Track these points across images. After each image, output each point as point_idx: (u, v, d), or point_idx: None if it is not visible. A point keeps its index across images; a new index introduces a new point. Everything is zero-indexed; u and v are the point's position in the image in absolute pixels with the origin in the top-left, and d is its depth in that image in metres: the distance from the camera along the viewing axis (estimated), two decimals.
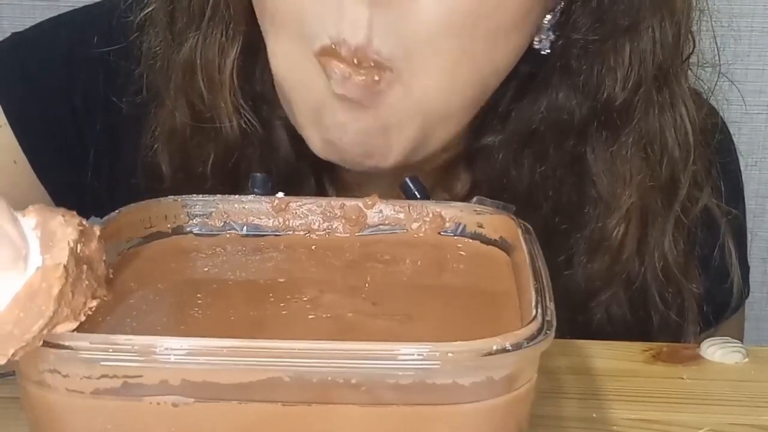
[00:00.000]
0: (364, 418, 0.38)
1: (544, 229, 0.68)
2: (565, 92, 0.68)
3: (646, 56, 0.66)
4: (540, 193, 0.70)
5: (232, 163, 0.70)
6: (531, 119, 0.69)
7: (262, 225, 0.55)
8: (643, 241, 0.70)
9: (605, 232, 0.70)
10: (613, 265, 0.70)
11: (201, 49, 0.67)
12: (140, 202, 0.54)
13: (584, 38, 0.66)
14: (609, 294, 0.71)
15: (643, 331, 0.73)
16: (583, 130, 0.69)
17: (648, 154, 0.69)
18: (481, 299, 0.49)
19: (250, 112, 0.68)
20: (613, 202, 0.69)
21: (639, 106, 0.67)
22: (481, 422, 0.38)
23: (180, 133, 0.70)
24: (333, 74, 0.58)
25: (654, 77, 0.67)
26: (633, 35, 0.66)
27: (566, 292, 0.71)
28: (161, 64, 0.69)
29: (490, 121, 0.70)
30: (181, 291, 0.49)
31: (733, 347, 0.62)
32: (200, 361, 0.37)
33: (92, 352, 0.37)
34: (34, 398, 0.39)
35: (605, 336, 0.69)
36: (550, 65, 0.68)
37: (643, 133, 0.68)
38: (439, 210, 0.55)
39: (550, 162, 0.70)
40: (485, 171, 0.71)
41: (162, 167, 0.71)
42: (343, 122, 0.60)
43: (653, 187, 0.70)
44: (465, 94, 0.62)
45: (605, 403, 0.56)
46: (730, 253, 0.76)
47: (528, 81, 0.68)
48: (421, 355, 0.37)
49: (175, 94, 0.69)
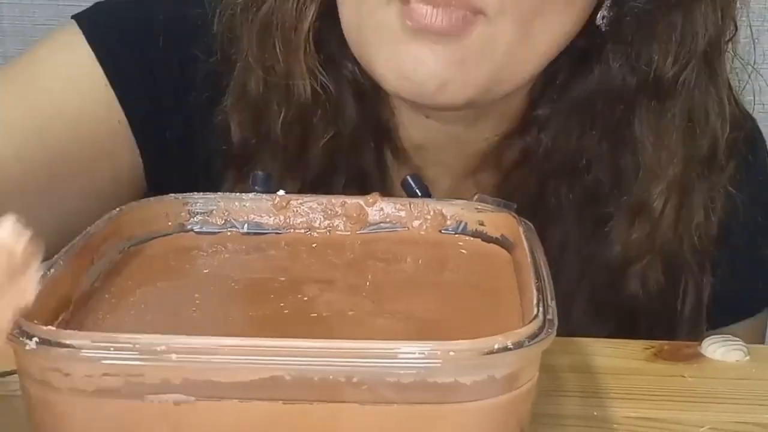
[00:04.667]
0: (365, 416, 0.38)
1: (586, 197, 0.73)
2: (618, 61, 0.70)
3: (698, 32, 0.68)
4: (585, 160, 0.73)
5: (301, 125, 0.71)
6: (585, 90, 0.71)
7: (263, 223, 0.55)
8: (682, 211, 0.72)
9: (648, 201, 0.72)
10: (653, 233, 0.72)
11: (278, 11, 0.68)
12: (141, 200, 0.54)
13: (639, 7, 0.68)
14: (646, 262, 0.73)
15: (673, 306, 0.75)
16: (631, 101, 0.71)
17: (693, 127, 0.71)
18: (482, 297, 0.49)
19: (324, 73, 0.70)
20: (658, 171, 0.71)
21: (687, 81, 0.69)
22: (483, 421, 0.38)
23: (253, 93, 0.71)
24: (416, 11, 0.60)
25: (704, 53, 0.69)
26: (686, 10, 0.68)
27: (604, 259, 0.73)
28: (239, 23, 0.70)
29: (547, 93, 0.72)
30: (183, 289, 0.49)
31: (734, 345, 0.62)
32: (202, 359, 0.37)
33: (94, 350, 0.37)
34: (36, 397, 0.39)
35: (640, 308, 0.72)
36: (604, 37, 0.70)
37: (689, 106, 0.70)
38: (440, 208, 0.55)
39: (598, 129, 0.72)
40: (537, 140, 0.73)
41: (232, 128, 0.72)
42: (421, 55, 0.62)
43: (695, 158, 0.71)
44: (538, 48, 0.65)
45: (606, 401, 0.56)
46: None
47: (582, 56, 0.71)
48: (423, 354, 0.37)
49: (250, 53, 0.70)
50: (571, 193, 0.74)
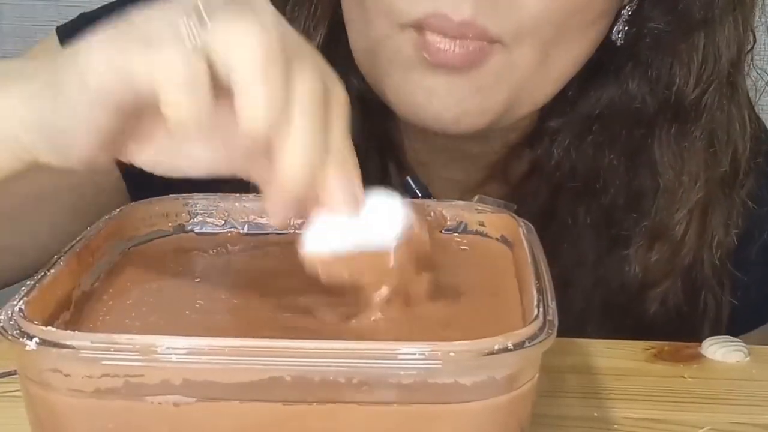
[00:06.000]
0: (365, 417, 0.38)
1: (602, 217, 0.71)
2: (637, 83, 0.69)
3: (721, 53, 0.67)
4: (602, 180, 0.71)
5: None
6: (596, 105, 0.70)
7: (263, 223, 0.55)
8: (704, 231, 0.71)
9: (668, 224, 0.70)
10: (673, 257, 0.70)
11: None
12: (141, 201, 0.54)
13: (658, 29, 0.67)
14: (666, 285, 0.71)
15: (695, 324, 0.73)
16: (651, 122, 0.69)
17: (715, 149, 0.69)
18: (482, 298, 0.49)
19: None
20: (679, 195, 0.69)
21: (709, 103, 0.68)
22: (483, 421, 0.38)
23: None
24: (432, 45, 0.59)
25: (727, 74, 0.67)
26: (708, 31, 0.66)
27: (621, 281, 0.71)
28: None
29: (558, 105, 0.71)
30: (183, 290, 0.49)
31: (735, 346, 0.62)
32: (201, 360, 0.37)
33: (93, 351, 0.37)
34: (36, 397, 0.39)
35: (657, 326, 0.70)
36: (623, 55, 0.68)
37: (711, 128, 0.69)
38: (440, 209, 0.55)
39: (615, 150, 0.70)
40: (547, 152, 0.72)
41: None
42: (434, 86, 0.61)
43: (717, 179, 0.70)
44: (555, 73, 0.64)
45: (607, 402, 0.56)
46: None
47: (596, 68, 0.69)
48: (423, 355, 0.36)
49: None
50: (588, 214, 0.72)
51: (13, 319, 0.39)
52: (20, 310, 0.39)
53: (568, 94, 0.70)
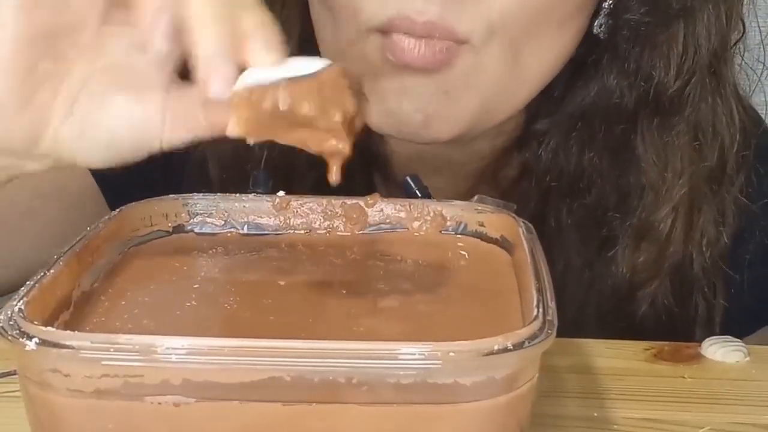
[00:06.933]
0: (365, 417, 0.38)
1: (591, 218, 0.70)
2: (615, 76, 0.67)
3: (701, 44, 0.65)
4: (586, 180, 0.70)
5: (286, 162, 0.69)
6: (582, 103, 0.69)
7: (263, 224, 0.55)
8: (692, 231, 0.69)
9: (653, 222, 0.69)
10: (660, 256, 0.69)
11: None
12: (141, 201, 0.54)
13: (636, 20, 0.65)
14: (655, 285, 0.70)
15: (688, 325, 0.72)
16: (632, 117, 0.68)
17: (700, 143, 0.68)
18: (482, 298, 0.49)
19: None
20: (663, 191, 0.68)
21: (692, 95, 0.66)
22: (483, 421, 0.38)
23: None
24: (397, 46, 0.58)
25: (708, 65, 0.66)
26: (687, 21, 0.65)
27: (611, 283, 0.70)
28: None
29: (545, 106, 0.69)
30: (182, 290, 0.49)
31: (735, 346, 0.62)
32: (201, 360, 0.37)
33: (93, 351, 0.37)
34: (35, 398, 0.39)
35: (650, 328, 0.69)
36: (602, 48, 0.67)
37: (695, 122, 0.67)
38: (440, 209, 0.55)
39: (597, 148, 0.69)
40: (536, 155, 0.71)
41: (209, 164, 0.70)
42: (403, 88, 0.60)
43: (703, 176, 0.68)
44: (529, 74, 0.62)
45: (606, 402, 0.56)
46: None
47: (581, 65, 0.68)
48: (423, 355, 0.36)
49: None
50: (572, 215, 0.71)
51: (13, 320, 0.39)
52: (20, 310, 0.39)
53: (554, 93, 0.69)
